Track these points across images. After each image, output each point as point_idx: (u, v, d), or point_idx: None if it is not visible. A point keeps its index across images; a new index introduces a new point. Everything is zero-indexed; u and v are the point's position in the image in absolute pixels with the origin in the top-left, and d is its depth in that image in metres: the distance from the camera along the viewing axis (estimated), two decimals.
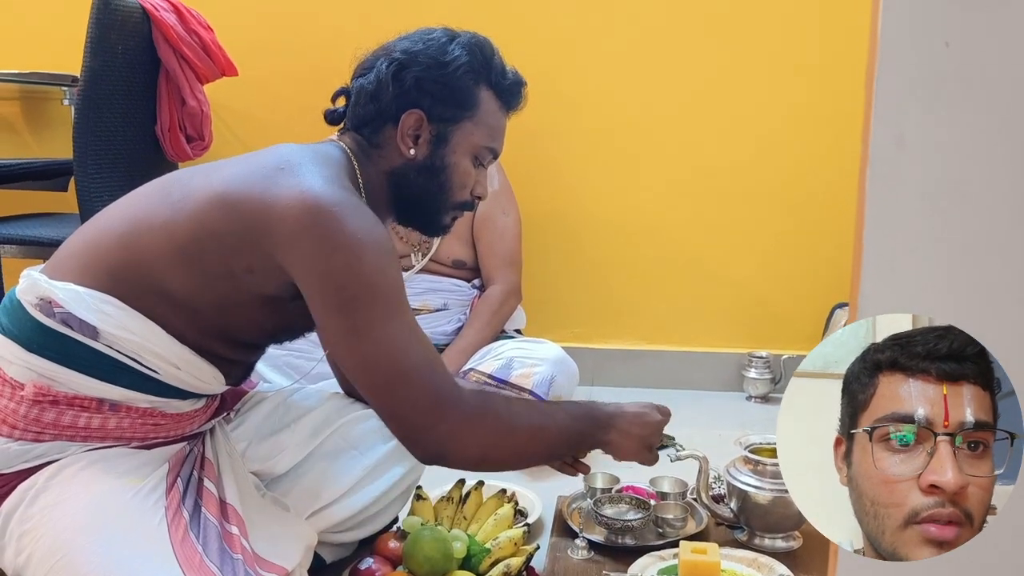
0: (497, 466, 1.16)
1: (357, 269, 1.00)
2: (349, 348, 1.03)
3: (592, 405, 1.26)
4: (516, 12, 2.32)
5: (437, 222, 1.25)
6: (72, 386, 1.05)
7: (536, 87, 2.36)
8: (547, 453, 1.21)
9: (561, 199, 2.42)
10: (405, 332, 1.03)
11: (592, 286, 2.47)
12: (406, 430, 1.06)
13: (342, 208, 1.01)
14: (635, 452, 1.26)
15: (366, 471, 1.33)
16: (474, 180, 1.23)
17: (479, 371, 1.95)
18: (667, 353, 2.46)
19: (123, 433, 1.08)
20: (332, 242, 1.00)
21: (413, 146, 1.18)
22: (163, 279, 1.06)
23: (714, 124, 2.34)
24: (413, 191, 1.20)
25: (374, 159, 1.20)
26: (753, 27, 2.28)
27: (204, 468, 1.15)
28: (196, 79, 2.14)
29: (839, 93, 2.26)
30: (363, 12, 2.36)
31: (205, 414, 1.21)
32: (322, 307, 1.03)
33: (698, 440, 1.45)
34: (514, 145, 2.38)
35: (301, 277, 1.03)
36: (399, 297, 1.04)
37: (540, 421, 1.15)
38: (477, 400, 1.08)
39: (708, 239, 2.40)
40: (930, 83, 0.51)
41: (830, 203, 2.31)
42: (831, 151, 2.30)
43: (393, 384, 1.03)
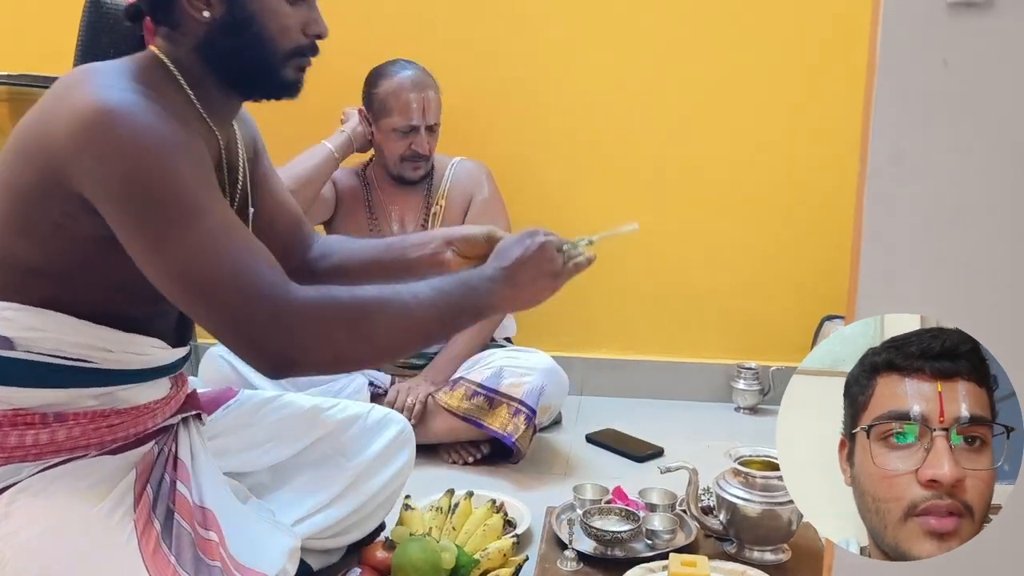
0: (360, 362, 1.04)
1: (142, 176, 0.92)
2: (153, 264, 0.94)
3: (468, 271, 1.11)
4: (506, 23, 2.32)
5: (278, 79, 1.09)
6: (13, 401, 1.01)
7: (526, 98, 2.38)
8: (418, 336, 1.04)
9: (550, 209, 2.42)
10: (214, 236, 0.93)
11: (582, 296, 2.46)
12: (239, 343, 0.95)
13: (114, 114, 0.92)
14: (539, 291, 1.12)
15: (352, 477, 1.33)
16: (300, 19, 1.08)
17: (469, 379, 1.95)
18: (656, 363, 2.46)
19: (77, 443, 1.04)
20: (109, 151, 0.92)
21: (205, 7, 1.04)
22: (21, 259, 1.01)
23: (704, 136, 2.35)
24: (228, 56, 1.06)
25: (180, 42, 1.06)
26: (744, 41, 2.29)
27: (177, 470, 1.11)
28: None
29: (830, 106, 2.27)
30: (380, 35, 2.35)
31: (168, 405, 1.15)
32: (119, 225, 0.94)
33: (687, 451, 1.46)
34: (503, 156, 2.39)
35: (94, 199, 0.94)
36: (201, 198, 0.94)
37: (398, 302, 1.01)
38: (314, 294, 0.98)
39: (698, 250, 2.41)
40: (928, 100, 0.52)
41: (820, 214, 2.32)
42: (822, 162, 2.30)
43: (208, 295, 0.93)
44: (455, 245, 1.27)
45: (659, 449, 2.03)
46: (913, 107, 0.52)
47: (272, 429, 1.33)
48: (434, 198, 2.17)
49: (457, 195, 2.17)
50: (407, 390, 1.97)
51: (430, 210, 2.17)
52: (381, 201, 2.19)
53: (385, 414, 1.43)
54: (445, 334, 1.10)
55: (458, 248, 1.27)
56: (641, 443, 2.07)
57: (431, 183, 2.18)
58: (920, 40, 0.52)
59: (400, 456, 1.41)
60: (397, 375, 2.10)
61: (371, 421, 1.40)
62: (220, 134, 1.10)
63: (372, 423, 1.40)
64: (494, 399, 1.91)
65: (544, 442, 2.08)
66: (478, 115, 2.37)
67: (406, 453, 1.42)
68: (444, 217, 2.15)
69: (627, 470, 1.94)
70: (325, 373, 1.00)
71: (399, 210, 2.18)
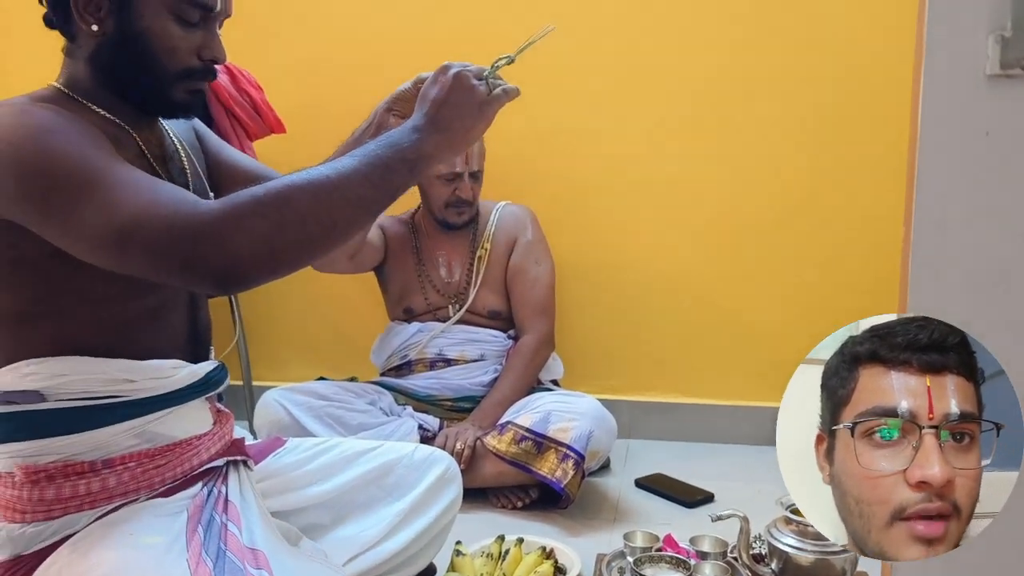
0: (301, 250, 0.96)
1: (28, 168, 0.93)
2: (75, 241, 0.94)
3: (392, 129, 1.06)
4: (547, 73, 2.37)
5: (166, 99, 1.09)
6: (56, 452, 1.04)
7: (574, 141, 2.42)
8: (350, 205, 0.97)
9: (599, 251, 2.45)
10: (114, 191, 0.92)
11: (629, 338, 2.47)
12: (179, 276, 0.93)
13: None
14: (470, 126, 1.05)
15: (400, 515, 1.34)
16: (193, 42, 1.07)
17: (517, 424, 1.96)
18: (705, 406, 2.45)
19: (128, 488, 1.07)
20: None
21: (95, 21, 1.04)
22: (9, 310, 1.03)
23: (751, 179, 2.36)
24: (116, 70, 1.06)
25: (76, 55, 1.07)
26: (788, 87, 2.30)
27: (227, 511, 1.12)
28: (246, 136, 2.22)
29: (874, 150, 2.27)
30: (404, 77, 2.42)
31: (211, 441, 1.18)
32: (35, 223, 0.95)
33: (738, 497, 1.44)
34: (552, 197, 2.43)
35: (10, 214, 0.96)
36: (90, 164, 0.94)
37: (317, 177, 0.96)
38: (225, 199, 0.94)
39: (745, 292, 2.40)
40: (971, 171, 0.53)
41: (865, 257, 2.31)
42: (865, 205, 2.30)
43: (129, 246, 0.91)
44: (394, 108, 1.28)
45: (709, 494, 2.02)
46: (956, 177, 0.53)
47: (319, 472, 1.35)
48: (479, 242, 2.21)
49: (502, 238, 2.21)
50: (455, 435, 1.99)
51: (475, 254, 2.21)
52: (428, 247, 2.24)
53: (430, 452, 1.44)
54: (381, 196, 1.00)
55: (397, 110, 1.27)
56: (691, 488, 2.05)
57: (476, 228, 2.23)
58: (961, 110, 0.53)
59: (447, 493, 1.42)
60: (446, 419, 2.12)
61: (417, 459, 1.41)
62: (134, 130, 1.11)
63: (418, 461, 1.41)
64: (542, 444, 1.92)
65: (593, 486, 2.08)
66: (522, 161, 2.41)
67: (453, 490, 1.43)
68: (489, 260, 2.20)
69: (677, 516, 1.92)
70: (272, 272, 0.95)
71: (446, 255, 2.23)
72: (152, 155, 1.13)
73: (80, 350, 1.05)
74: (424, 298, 2.23)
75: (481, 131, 1.06)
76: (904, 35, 2.19)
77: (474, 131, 1.05)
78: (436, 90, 1.04)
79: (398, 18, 2.44)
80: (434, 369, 2.18)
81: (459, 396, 2.15)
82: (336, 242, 0.99)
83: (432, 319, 2.22)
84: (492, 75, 1.05)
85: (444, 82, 1.04)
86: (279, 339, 2.60)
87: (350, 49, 2.46)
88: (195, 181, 1.20)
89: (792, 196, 2.34)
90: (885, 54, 2.22)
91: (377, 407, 2.09)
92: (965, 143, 0.53)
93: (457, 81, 1.04)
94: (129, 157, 1.06)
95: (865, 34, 2.25)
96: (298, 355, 2.60)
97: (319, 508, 1.35)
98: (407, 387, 2.17)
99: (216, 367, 1.20)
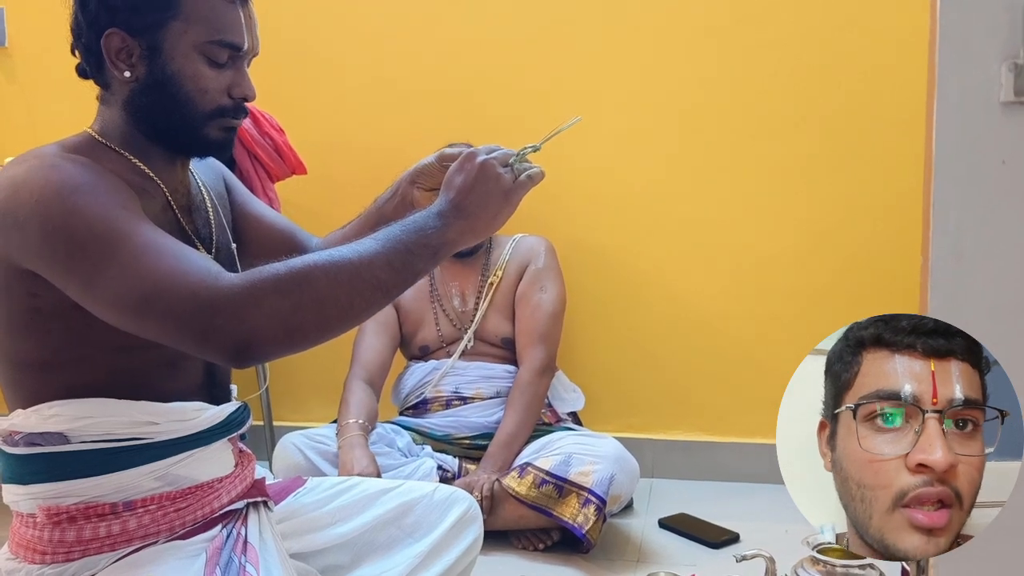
0: (317, 330, 0.96)
1: (55, 224, 0.95)
2: (95, 301, 0.96)
3: (416, 213, 1.05)
4: (573, 103, 2.39)
5: (199, 139, 1.11)
6: (78, 494, 1.05)
7: (594, 181, 2.43)
8: (370, 287, 0.98)
9: (619, 288, 2.44)
10: (137, 255, 0.94)
11: (651, 376, 2.45)
12: (194, 346, 0.94)
13: (16, 180, 0.97)
14: (494, 214, 1.05)
15: (421, 556, 1.32)
16: (223, 81, 1.09)
17: (537, 467, 1.94)
18: (729, 445, 2.41)
19: (148, 531, 1.07)
20: (22, 216, 0.95)
21: (127, 68, 1.07)
22: (34, 358, 1.05)
23: (773, 215, 2.35)
24: (149, 113, 1.09)
25: (110, 102, 1.11)
26: (807, 123, 2.31)
27: (247, 553, 1.12)
28: (268, 178, 2.25)
29: (895, 183, 2.26)
30: (424, 116, 2.46)
31: (232, 484, 1.17)
32: (56, 278, 0.97)
33: (763, 537, 1.42)
34: (571, 232, 2.43)
35: (33, 266, 0.98)
36: (115, 224, 0.96)
37: (339, 259, 0.96)
38: (247, 275, 0.95)
39: (769, 330, 2.38)
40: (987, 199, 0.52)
41: (891, 293, 2.28)
42: (888, 243, 2.28)
43: (147, 312, 0.93)
44: (418, 181, 1.26)
45: (735, 535, 1.98)
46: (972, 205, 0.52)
47: (339, 512, 1.34)
48: (492, 270, 2.22)
49: (514, 267, 2.22)
50: (468, 486, 1.93)
51: (487, 280, 2.21)
52: (443, 278, 2.25)
53: (451, 492, 1.42)
54: (401, 280, 1.00)
55: (421, 183, 1.25)
56: (716, 528, 2.02)
57: (488, 257, 2.23)
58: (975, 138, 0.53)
59: (468, 534, 1.40)
60: (464, 457, 2.11)
61: (437, 499, 1.40)
62: (163, 181, 1.12)
63: (438, 501, 1.40)
64: (563, 487, 1.89)
65: (615, 527, 2.04)
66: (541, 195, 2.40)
67: (474, 531, 1.41)
68: (500, 287, 2.20)
69: (702, 557, 1.89)
70: (287, 350, 0.96)
71: (459, 285, 2.24)
72: (178, 206, 1.15)
73: (102, 393, 1.06)
74: (438, 330, 2.23)
75: (506, 217, 1.06)
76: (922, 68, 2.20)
77: (499, 218, 1.05)
78: (462, 178, 1.04)
79: (419, 60, 2.48)
80: (450, 408, 2.17)
81: (476, 434, 2.13)
82: (352, 324, 1.00)
83: (446, 356, 2.22)
84: (518, 162, 1.05)
85: (470, 170, 1.04)
86: (300, 380, 2.61)
87: (371, 90, 2.51)
88: (219, 234, 1.21)
89: (815, 232, 2.33)
90: (902, 88, 2.22)
91: (395, 448, 2.08)
92: (981, 171, 0.52)
93: (483, 171, 1.04)
94: (155, 210, 1.08)
95: (881, 69, 2.26)
96: (318, 395, 2.60)
97: (338, 549, 1.34)
98: (424, 427, 2.16)
99: (239, 407, 1.21)
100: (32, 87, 2.65)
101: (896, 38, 2.23)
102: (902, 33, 2.21)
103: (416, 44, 2.48)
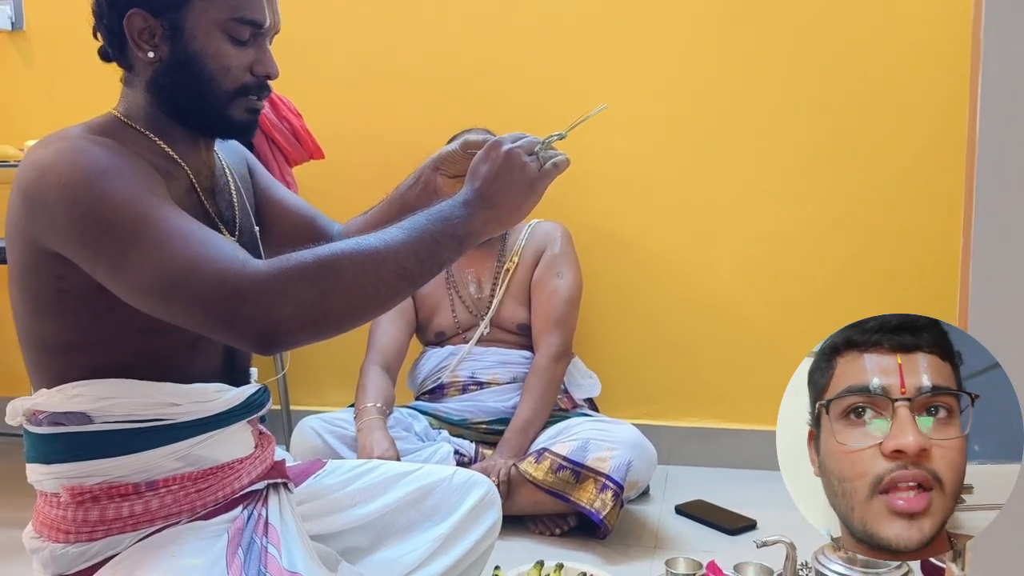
0: (344, 318, 0.96)
1: (83, 208, 0.95)
2: (121, 284, 0.97)
3: (443, 202, 1.04)
4: (595, 94, 2.37)
5: (224, 119, 1.11)
6: (101, 474, 1.06)
7: (610, 167, 2.42)
8: (397, 276, 0.97)
9: (636, 274, 2.43)
10: (163, 241, 0.94)
11: (668, 363, 2.45)
12: (221, 332, 0.95)
13: (43, 164, 0.97)
14: (520, 203, 1.04)
15: (440, 539, 1.33)
16: (246, 59, 1.09)
17: (554, 452, 1.94)
18: (746, 432, 2.40)
19: (170, 511, 1.08)
20: (51, 199, 0.96)
21: (151, 48, 1.07)
22: (61, 339, 1.06)
23: (791, 201, 2.33)
24: (172, 93, 1.09)
25: (134, 84, 1.11)
26: (827, 108, 2.28)
27: (268, 534, 1.13)
28: (286, 162, 2.25)
29: (915, 172, 2.23)
30: (440, 103, 2.45)
31: (253, 465, 1.18)
32: (84, 261, 0.98)
33: (781, 524, 1.41)
34: (587, 218, 2.42)
35: (60, 248, 0.98)
36: (143, 209, 0.96)
37: (366, 248, 0.96)
38: (274, 262, 0.95)
39: (787, 317, 2.36)
40: None
41: (907, 279, 2.26)
42: (907, 227, 2.26)
43: (174, 296, 0.93)
44: (441, 168, 1.25)
45: (752, 522, 1.97)
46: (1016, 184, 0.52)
47: (359, 494, 1.35)
48: (507, 256, 2.21)
49: (530, 252, 2.21)
50: (483, 470, 1.94)
51: (503, 267, 2.21)
52: (459, 263, 2.24)
53: (470, 476, 1.43)
54: (427, 269, 1.00)
55: (444, 169, 1.25)
56: (733, 515, 2.01)
57: (504, 243, 2.23)
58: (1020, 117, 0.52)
59: (487, 518, 1.40)
60: (480, 442, 2.11)
61: (456, 482, 1.40)
62: (187, 163, 1.13)
63: (457, 484, 1.40)
64: (580, 473, 1.89)
65: (632, 513, 2.04)
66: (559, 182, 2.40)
67: (493, 515, 1.42)
68: (516, 273, 2.20)
69: (720, 543, 1.88)
70: (312, 338, 0.96)
71: (475, 271, 2.24)
72: (202, 188, 1.15)
73: (125, 374, 1.07)
74: (453, 317, 2.23)
75: (532, 206, 1.05)
76: (953, 48, 2.16)
77: (524, 207, 1.04)
78: (487, 167, 1.03)
79: (435, 46, 2.47)
80: (467, 392, 2.17)
81: (493, 419, 2.13)
82: (378, 312, 1.00)
83: (462, 343, 2.22)
84: (543, 150, 1.04)
85: (495, 159, 1.03)
86: (317, 365, 2.61)
87: (389, 76, 2.50)
88: (242, 217, 1.22)
89: (833, 218, 2.31)
90: (928, 72, 2.19)
91: (412, 432, 2.08)
92: None
93: (508, 160, 1.03)
94: (179, 192, 1.08)
95: (909, 51, 2.23)
96: (335, 380, 2.61)
97: (358, 531, 1.34)
98: (441, 411, 2.16)
99: (258, 390, 1.21)
100: (51, 71, 2.66)
101: (925, 18, 2.19)
102: (931, 14, 2.18)
103: (433, 30, 2.47)
